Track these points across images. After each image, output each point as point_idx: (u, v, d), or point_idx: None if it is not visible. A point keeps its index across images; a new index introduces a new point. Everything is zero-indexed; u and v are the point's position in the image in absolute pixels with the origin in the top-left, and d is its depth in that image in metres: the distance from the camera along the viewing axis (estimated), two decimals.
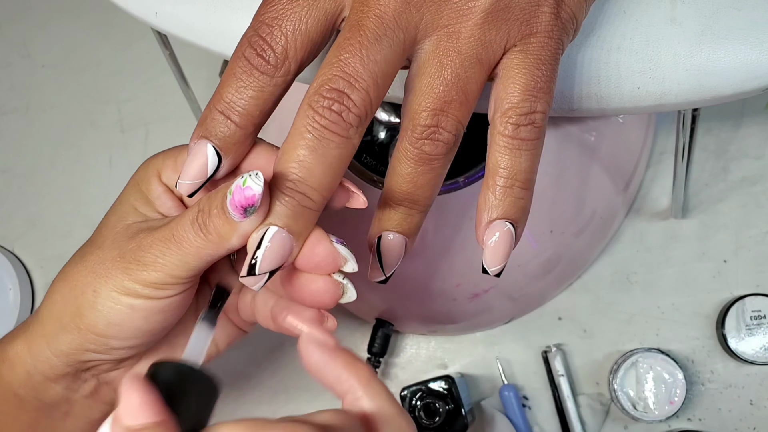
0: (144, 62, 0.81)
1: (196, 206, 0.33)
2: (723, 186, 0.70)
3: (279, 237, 0.32)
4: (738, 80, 0.36)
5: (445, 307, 0.65)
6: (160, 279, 0.34)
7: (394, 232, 0.35)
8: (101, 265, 0.35)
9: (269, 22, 0.33)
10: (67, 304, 0.36)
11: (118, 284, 0.34)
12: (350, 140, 0.32)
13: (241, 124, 0.33)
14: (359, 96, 0.31)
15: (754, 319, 0.65)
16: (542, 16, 0.33)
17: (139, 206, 0.37)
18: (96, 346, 0.36)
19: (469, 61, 0.33)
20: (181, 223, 0.33)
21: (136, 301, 0.34)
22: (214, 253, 0.33)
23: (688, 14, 0.37)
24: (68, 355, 0.36)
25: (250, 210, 0.31)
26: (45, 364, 0.37)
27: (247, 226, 0.32)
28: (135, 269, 0.34)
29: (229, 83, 0.33)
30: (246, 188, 0.31)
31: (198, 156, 0.34)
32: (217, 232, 0.33)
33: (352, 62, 0.31)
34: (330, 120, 0.31)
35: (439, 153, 0.33)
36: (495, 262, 0.35)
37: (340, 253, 0.34)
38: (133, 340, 0.36)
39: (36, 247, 0.78)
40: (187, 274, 0.34)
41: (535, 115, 0.33)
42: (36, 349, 0.37)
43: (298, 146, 0.31)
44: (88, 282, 0.35)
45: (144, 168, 0.38)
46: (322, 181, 0.32)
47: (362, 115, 0.32)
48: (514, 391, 0.67)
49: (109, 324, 0.35)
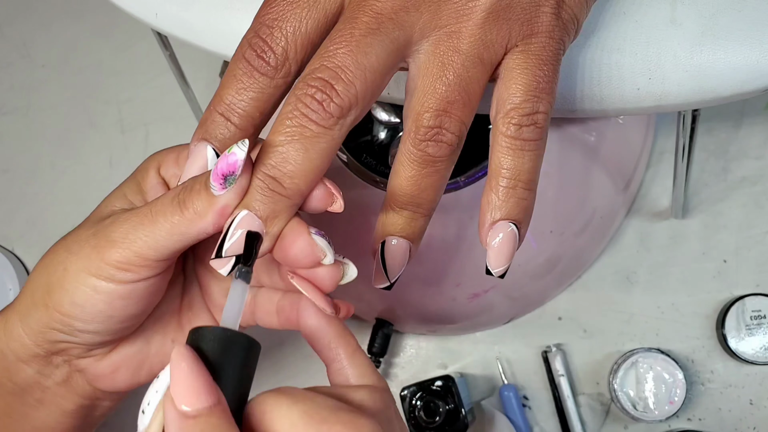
0: (144, 63, 0.81)
1: (181, 184, 0.33)
2: (723, 186, 0.70)
3: (247, 219, 0.31)
4: (738, 81, 0.36)
5: (445, 307, 0.65)
6: (125, 257, 0.33)
7: (398, 237, 0.34)
8: (76, 244, 0.35)
9: (269, 23, 0.32)
10: (40, 281, 0.35)
11: (86, 264, 0.34)
12: (330, 131, 0.31)
13: (242, 126, 0.33)
14: (344, 87, 0.31)
15: (754, 319, 0.65)
16: (543, 17, 0.33)
17: (129, 194, 0.37)
18: (61, 326, 0.35)
19: (470, 61, 0.32)
20: (162, 199, 0.33)
21: (99, 283, 0.34)
22: (187, 231, 0.32)
23: (688, 15, 0.37)
24: (37, 334, 0.36)
25: (230, 179, 0.31)
26: (17, 343, 0.36)
27: (224, 200, 0.31)
28: (104, 246, 0.33)
29: (229, 85, 0.33)
30: (230, 154, 0.30)
31: (198, 158, 0.34)
32: (194, 207, 0.32)
33: (340, 53, 0.31)
34: (311, 108, 0.31)
35: (443, 154, 0.33)
36: (499, 263, 0.34)
37: (318, 245, 0.33)
38: (95, 324, 0.35)
39: (36, 247, 0.78)
40: (155, 255, 0.33)
41: (537, 115, 0.33)
42: (10, 326, 0.37)
43: (277, 132, 0.31)
44: (60, 260, 0.35)
45: (146, 161, 0.38)
46: (296, 168, 0.31)
47: (345, 106, 0.31)
48: (514, 391, 0.67)
49: (72, 304, 0.34)
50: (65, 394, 0.39)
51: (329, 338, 0.35)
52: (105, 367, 0.38)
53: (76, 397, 0.39)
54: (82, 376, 0.39)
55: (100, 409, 0.40)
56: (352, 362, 0.35)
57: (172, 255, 0.34)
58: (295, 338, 0.71)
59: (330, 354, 0.35)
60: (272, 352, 0.72)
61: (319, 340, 0.36)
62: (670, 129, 0.71)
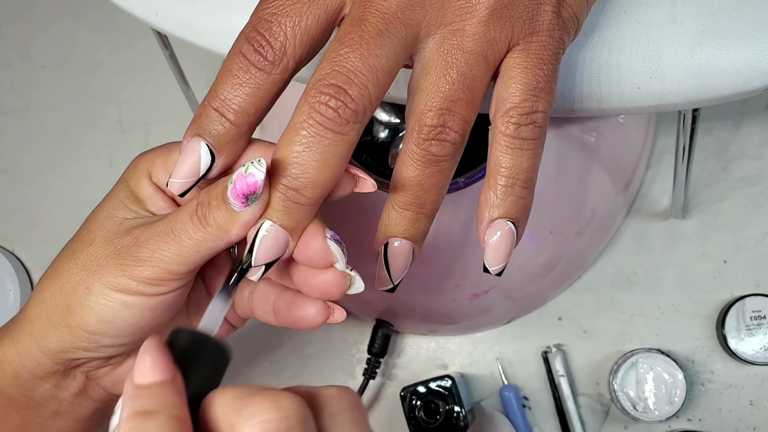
0: (144, 62, 0.81)
1: (194, 200, 0.33)
2: (723, 186, 0.70)
3: (273, 231, 0.32)
4: (739, 80, 0.36)
5: (446, 307, 0.65)
6: (155, 275, 0.33)
7: (401, 239, 0.34)
8: (94, 262, 0.35)
9: (268, 17, 0.32)
10: (58, 302, 0.35)
11: (111, 281, 0.34)
12: (346, 137, 0.31)
13: (236, 122, 0.33)
14: (357, 91, 0.31)
15: (754, 320, 0.65)
16: (544, 15, 0.33)
17: (128, 203, 0.37)
18: (87, 344, 0.35)
19: (474, 59, 0.32)
20: (179, 216, 0.33)
21: (129, 298, 0.34)
22: (213, 246, 0.33)
23: (688, 14, 0.37)
24: (57, 353, 0.36)
25: (251, 198, 0.31)
26: (33, 362, 0.36)
27: (248, 215, 0.32)
28: (130, 265, 0.34)
29: (224, 80, 0.32)
30: (248, 175, 0.30)
31: (191, 154, 0.33)
32: (217, 223, 0.32)
33: (352, 57, 0.31)
34: (326, 116, 0.31)
35: (447, 153, 0.33)
36: (496, 261, 0.34)
37: (331, 250, 0.34)
38: (124, 337, 0.35)
39: (36, 247, 0.78)
40: (184, 269, 0.34)
41: (536, 114, 0.33)
42: (23, 348, 0.36)
43: (293, 142, 0.31)
44: (80, 279, 0.35)
45: (133, 166, 0.38)
46: (316, 178, 0.31)
47: (360, 110, 0.31)
48: (514, 391, 0.67)
49: (100, 321, 0.34)
50: (82, 402, 0.39)
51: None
52: (121, 373, 0.38)
53: (92, 403, 0.39)
54: (99, 383, 0.39)
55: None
56: None
57: (200, 264, 0.34)
58: (295, 338, 0.71)
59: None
60: (272, 352, 0.72)
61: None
62: (670, 129, 0.71)
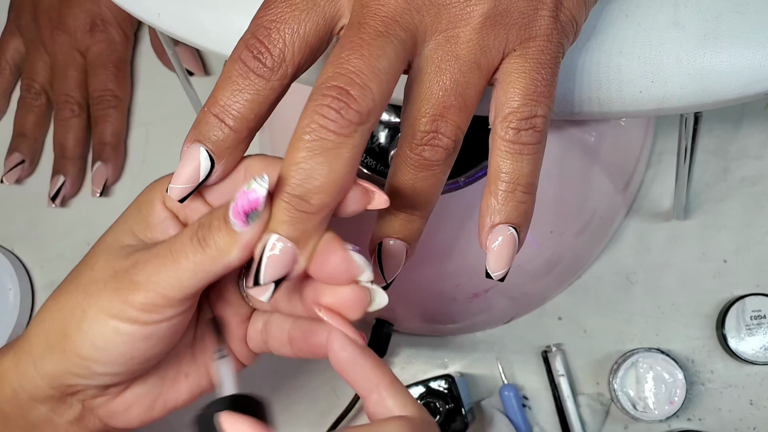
0: (144, 62, 0.81)
1: (197, 221, 0.33)
2: (723, 186, 0.69)
3: (279, 245, 0.31)
4: (741, 84, 0.36)
5: (445, 307, 0.65)
6: (150, 299, 0.33)
7: (395, 239, 0.35)
8: (93, 286, 0.34)
9: (267, 24, 0.32)
10: (55, 325, 0.35)
11: (106, 306, 0.34)
12: (350, 139, 0.30)
13: (236, 128, 0.33)
14: (360, 92, 0.30)
15: (754, 319, 0.65)
16: (541, 20, 0.33)
17: (137, 230, 0.36)
18: (79, 370, 0.35)
19: (467, 66, 0.32)
20: (179, 238, 0.33)
21: (122, 325, 0.33)
22: (210, 269, 0.32)
23: (690, 18, 0.36)
24: (53, 378, 0.36)
25: (252, 215, 0.30)
26: (30, 384, 0.36)
27: (247, 236, 0.31)
28: (126, 289, 0.33)
29: (224, 86, 0.33)
30: (250, 191, 0.30)
31: (190, 160, 0.33)
32: (216, 245, 0.32)
33: (353, 59, 0.30)
34: (329, 118, 0.30)
35: (439, 159, 0.33)
36: (499, 266, 0.34)
37: (356, 261, 0.33)
38: (116, 366, 0.35)
39: (36, 247, 0.78)
40: (180, 295, 0.33)
41: (536, 119, 0.33)
42: (23, 368, 0.36)
43: (297, 149, 0.30)
44: (77, 302, 0.34)
45: (147, 191, 0.37)
46: (322, 183, 0.30)
47: (363, 111, 0.30)
48: (514, 391, 0.67)
49: (92, 347, 0.34)
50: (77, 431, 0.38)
51: (365, 369, 0.34)
52: (118, 405, 0.38)
53: None
54: (95, 414, 0.38)
55: None
56: (391, 393, 0.34)
57: (197, 292, 0.34)
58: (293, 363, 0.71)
59: (367, 385, 0.34)
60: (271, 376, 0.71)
61: (355, 373, 0.34)
62: (670, 129, 0.71)
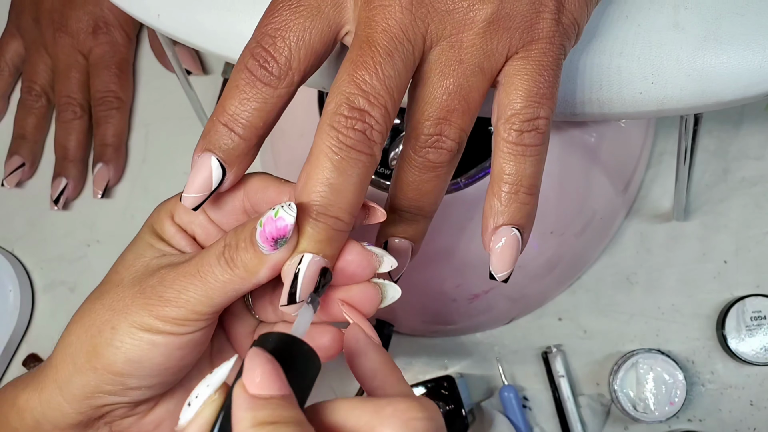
0: (144, 62, 0.81)
1: (222, 240, 0.33)
2: (723, 187, 0.69)
3: (315, 263, 0.32)
4: (741, 85, 0.36)
5: (446, 307, 0.65)
6: (182, 315, 0.33)
7: (400, 238, 0.35)
8: (120, 302, 0.34)
9: (272, 33, 0.33)
10: (83, 345, 0.35)
11: (137, 320, 0.34)
12: (374, 157, 0.32)
13: (245, 137, 0.33)
14: (379, 112, 0.31)
15: (755, 320, 0.65)
16: (543, 23, 0.33)
17: (154, 243, 0.37)
18: (112, 387, 0.35)
19: (470, 70, 0.33)
20: (206, 258, 0.33)
21: (157, 337, 0.34)
22: (240, 287, 0.33)
23: (690, 20, 0.37)
24: (81, 401, 0.35)
25: (281, 242, 0.31)
26: (56, 412, 0.36)
27: (277, 257, 0.32)
28: (156, 305, 0.33)
29: (232, 95, 0.33)
30: (278, 219, 0.31)
31: (202, 169, 0.33)
32: (245, 266, 0.32)
33: (369, 79, 0.31)
34: (355, 139, 0.31)
35: (443, 161, 0.34)
36: (502, 267, 0.35)
37: (375, 253, 0.34)
38: (151, 378, 0.35)
39: (36, 248, 0.78)
40: (211, 310, 0.34)
41: (538, 121, 0.33)
42: (47, 396, 0.36)
43: (324, 168, 0.31)
44: (105, 320, 0.34)
45: (157, 211, 0.38)
46: (351, 201, 0.32)
47: (383, 131, 0.32)
48: (515, 391, 0.67)
49: (127, 361, 0.34)
50: None
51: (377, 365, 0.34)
52: (148, 424, 0.38)
53: None
54: None
55: None
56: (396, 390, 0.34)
57: (227, 304, 0.34)
58: None
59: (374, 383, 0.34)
60: None
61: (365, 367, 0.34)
62: (670, 130, 0.71)
